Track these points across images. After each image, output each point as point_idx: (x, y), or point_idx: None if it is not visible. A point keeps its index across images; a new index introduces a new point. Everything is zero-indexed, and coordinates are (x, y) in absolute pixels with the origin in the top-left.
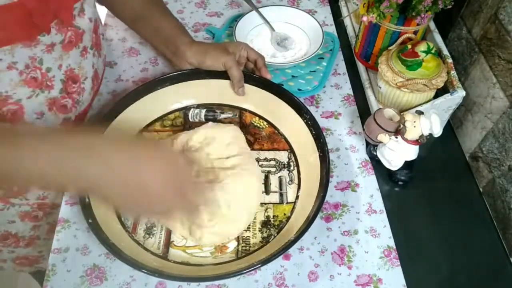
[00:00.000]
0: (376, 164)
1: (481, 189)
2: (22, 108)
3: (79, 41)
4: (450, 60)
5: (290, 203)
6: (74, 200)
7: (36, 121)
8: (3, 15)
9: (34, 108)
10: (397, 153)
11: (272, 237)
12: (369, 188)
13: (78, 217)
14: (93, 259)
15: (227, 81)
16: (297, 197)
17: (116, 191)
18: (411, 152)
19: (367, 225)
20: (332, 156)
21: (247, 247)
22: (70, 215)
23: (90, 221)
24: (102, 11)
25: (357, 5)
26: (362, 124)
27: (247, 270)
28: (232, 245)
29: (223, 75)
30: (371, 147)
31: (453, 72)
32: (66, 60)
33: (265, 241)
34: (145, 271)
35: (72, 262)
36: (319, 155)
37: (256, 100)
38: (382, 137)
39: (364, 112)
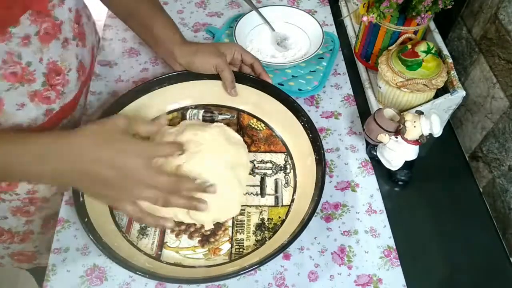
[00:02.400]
0: (376, 164)
1: (481, 189)
2: (1, 100)
3: (58, 32)
4: (450, 60)
5: (285, 206)
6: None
7: (18, 112)
8: None
9: (15, 100)
10: (397, 153)
11: (266, 240)
12: (369, 188)
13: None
14: (93, 259)
15: None
16: (292, 200)
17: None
18: (411, 152)
19: (367, 225)
20: (332, 156)
21: (241, 250)
22: (70, 215)
23: (86, 220)
24: (103, 11)
25: (357, 5)
26: (362, 124)
27: (240, 273)
28: (226, 247)
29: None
30: (371, 147)
31: (453, 72)
32: (47, 52)
33: (259, 244)
34: (138, 273)
35: (72, 262)
36: (315, 158)
37: (254, 102)
38: (382, 137)
39: (364, 112)
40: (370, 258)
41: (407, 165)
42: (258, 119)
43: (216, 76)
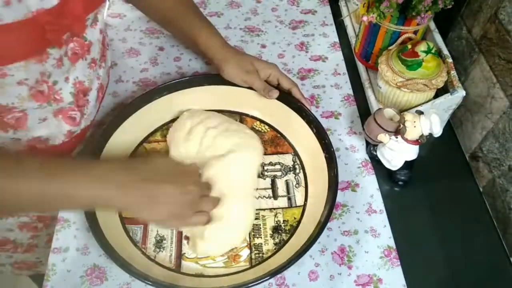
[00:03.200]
0: (376, 164)
1: (481, 189)
2: (26, 115)
3: (86, 53)
4: (450, 60)
5: (299, 206)
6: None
7: (38, 125)
8: (16, 32)
9: (38, 115)
10: (397, 153)
11: (284, 242)
12: (369, 188)
13: (78, 217)
14: (93, 259)
15: (226, 87)
16: (305, 200)
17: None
18: (411, 152)
19: (367, 225)
20: None
21: (260, 254)
22: (70, 215)
23: (104, 241)
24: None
25: (357, 5)
26: (362, 124)
27: (262, 280)
28: (245, 253)
29: (222, 81)
30: (371, 147)
31: (453, 72)
32: (73, 72)
33: (278, 246)
34: (159, 286)
35: (72, 262)
36: (325, 156)
37: (256, 104)
38: (382, 137)
39: (364, 112)
40: (370, 258)
41: (407, 165)
42: (262, 121)
43: (216, 82)
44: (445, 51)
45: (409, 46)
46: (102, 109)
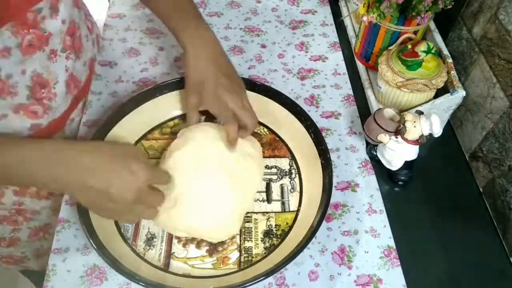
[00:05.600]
0: (376, 164)
1: (481, 189)
2: None
3: (44, 44)
4: (450, 60)
5: (292, 211)
6: (74, 201)
7: None
8: None
9: None
10: (397, 153)
11: (275, 247)
12: (369, 188)
13: (78, 217)
14: (93, 259)
15: None
16: (299, 205)
17: (85, 196)
18: (411, 152)
19: (367, 225)
20: (332, 156)
21: (250, 258)
22: (71, 215)
23: (91, 239)
24: (103, 11)
25: (357, 5)
26: (362, 124)
27: (250, 283)
28: (234, 256)
29: None
30: (371, 147)
31: (453, 72)
32: (31, 64)
33: (268, 251)
34: (145, 285)
35: (72, 262)
36: (321, 163)
37: (256, 106)
38: (382, 137)
39: (364, 112)
40: (370, 258)
41: (407, 165)
42: (261, 123)
43: None
44: (445, 51)
45: (409, 46)
46: (102, 108)
